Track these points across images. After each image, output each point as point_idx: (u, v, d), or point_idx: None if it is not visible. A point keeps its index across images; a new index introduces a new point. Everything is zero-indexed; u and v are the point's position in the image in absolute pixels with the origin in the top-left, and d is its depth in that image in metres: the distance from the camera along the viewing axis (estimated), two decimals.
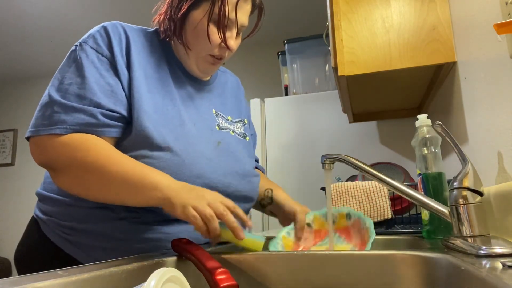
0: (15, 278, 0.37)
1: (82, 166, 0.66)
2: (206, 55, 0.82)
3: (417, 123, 0.82)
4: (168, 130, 0.75)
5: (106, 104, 0.70)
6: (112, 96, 0.72)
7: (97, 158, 0.66)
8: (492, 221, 0.66)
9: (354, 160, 0.72)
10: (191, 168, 0.74)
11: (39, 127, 0.68)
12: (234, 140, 0.90)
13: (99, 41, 0.75)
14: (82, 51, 0.74)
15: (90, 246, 0.72)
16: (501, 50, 0.68)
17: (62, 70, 0.73)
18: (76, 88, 0.70)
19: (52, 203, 0.77)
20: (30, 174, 3.98)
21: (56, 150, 0.67)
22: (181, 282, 0.37)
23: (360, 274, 0.52)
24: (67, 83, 0.70)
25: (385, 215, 1.10)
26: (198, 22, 0.79)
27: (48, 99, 0.70)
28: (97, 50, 0.74)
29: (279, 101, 2.09)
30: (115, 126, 0.72)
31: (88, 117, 0.69)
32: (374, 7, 1.12)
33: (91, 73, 0.72)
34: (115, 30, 0.77)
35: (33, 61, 3.81)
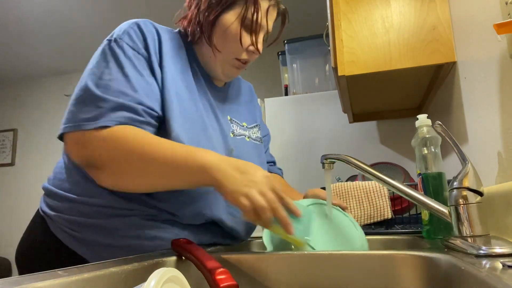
0: (15, 278, 0.37)
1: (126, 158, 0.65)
2: (233, 59, 0.83)
3: (417, 123, 0.82)
4: (192, 135, 0.75)
5: (147, 102, 0.70)
6: (151, 95, 0.72)
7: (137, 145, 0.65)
8: (492, 221, 0.66)
9: (354, 160, 0.72)
10: None
11: (81, 122, 0.66)
12: (249, 147, 0.90)
13: (135, 38, 0.75)
14: (119, 47, 0.73)
15: (97, 243, 0.71)
16: (501, 50, 0.68)
17: (98, 65, 0.71)
18: (117, 84, 0.69)
19: (60, 199, 0.75)
20: (30, 174, 3.98)
21: (100, 144, 0.65)
22: (181, 282, 0.37)
23: (360, 274, 0.52)
24: (107, 79, 0.69)
25: (385, 215, 1.10)
26: (229, 26, 0.79)
27: (88, 93, 0.67)
28: (133, 48, 0.74)
29: (279, 101, 2.09)
30: (154, 125, 0.72)
31: (131, 114, 0.68)
32: (374, 7, 1.12)
33: (130, 70, 0.71)
34: (147, 28, 0.77)
35: (33, 61, 3.81)
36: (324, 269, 0.53)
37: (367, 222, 1.11)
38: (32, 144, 4.05)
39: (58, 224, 0.74)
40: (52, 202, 0.76)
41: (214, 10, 0.79)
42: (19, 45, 3.50)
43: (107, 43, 0.74)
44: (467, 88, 0.94)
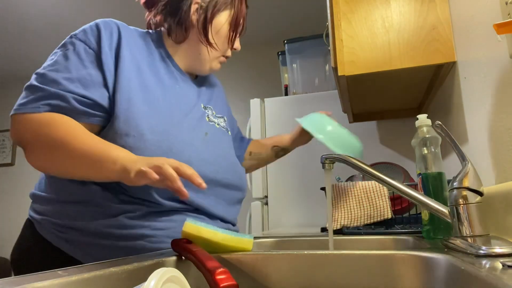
0: (15, 278, 0.37)
1: (47, 142, 0.69)
2: (221, 56, 0.94)
3: (417, 123, 0.82)
4: (157, 121, 0.78)
5: (79, 91, 0.73)
6: (90, 86, 0.75)
7: (61, 134, 0.69)
8: (492, 221, 0.66)
9: (354, 160, 0.72)
10: (179, 155, 0.77)
11: (16, 107, 0.73)
12: (220, 132, 0.95)
13: (89, 34, 0.79)
14: (71, 42, 0.78)
15: (87, 243, 0.73)
16: (501, 50, 0.68)
17: (49, 58, 0.78)
18: (55, 74, 0.73)
19: (45, 202, 0.78)
20: (30, 174, 3.98)
21: (25, 127, 0.71)
22: (181, 282, 0.37)
23: (360, 274, 0.52)
24: (48, 69, 0.74)
25: (385, 215, 1.10)
26: (221, 27, 0.90)
27: (29, 83, 0.74)
28: (85, 42, 0.78)
29: (279, 101, 2.09)
30: (88, 113, 0.74)
31: (59, 101, 0.71)
32: (374, 7, 1.12)
33: (74, 62, 0.75)
34: (107, 26, 0.81)
35: (33, 61, 3.81)
36: (324, 269, 0.53)
37: (367, 222, 1.11)
38: None
39: (47, 227, 0.76)
40: (38, 206, 0.79)
41: (209, 12, 0.88)
42: (19, 45, 3.50)
43: (64, 40, 0.80)
44: (467, 88, 0.94)
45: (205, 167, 0.82)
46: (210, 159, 0.85)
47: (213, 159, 0.85)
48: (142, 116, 0.76)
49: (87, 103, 0.73)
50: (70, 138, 0.69)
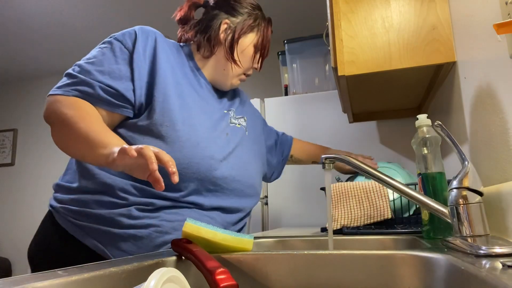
0: (15, 278, 0.37)
1: (61, 120, 0.75)
2: (242, 74, 1.03)
3: (417, 123, 0.82)
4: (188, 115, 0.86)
5: (106, 81, 0.81)
6: (117, 78, 0.82)
7: (73, 114, 0.75)
8: (492, 221, 0.66)
9: (354, 160, 0.72)
10: (205, 150, 0.85)
11: (53, 90, 0.80)
12: (241, 132, 1.02)
13: (126, 36, 0.87)
14: (110, 42, 0.87)
15: (98, 231, 0.78)
16: (501, 50, 0.68)
17: (91, 52, 0.86)
18: (89, 66, 0.82)
19: (67, 191, 0.85)
20: (30, 174, 3.98)
21: (53, 107, 0.78)
22: (181, 282, 0.37)
23: (360, 274, 0.52)
24: (85, 61, 0.83)
25: (385, 215, 1.10)
26: (246, 47, 1.00)
27: (68, 71, 0.83)
28: (121, 42, 0.86)
29: (279, 101, 2.09)
30: (109, 101, 0.81)
31: (86, 87, 0.80)
32: (374, 7, 1.12)
33: (108, 57, 0.84)
34: (144, 31, 0.89)
35: (33, 61, 3.81)
36: (324, 269, 0.53)
37: (367, 222, 1.11)
38: (32, 144, 4.05)
39: (63, 215, 0.82)
40: (58, 196, 0.85)
41: (235, 33, 0.98)
42: (19, 45, 3.50)
43: (108, 38, 0.89)
44: (467, 88, 0.94)
45: (226, 166, 0.90)
46: (233, 159, 0.93)
47: (234, 160, 0.93)
48: (175, 108, 0.84)
49: (111, 92, 0.81)
50: (78, 119, 0.74)
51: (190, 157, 0.83)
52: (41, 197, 3.86)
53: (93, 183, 0.82)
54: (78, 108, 0.77)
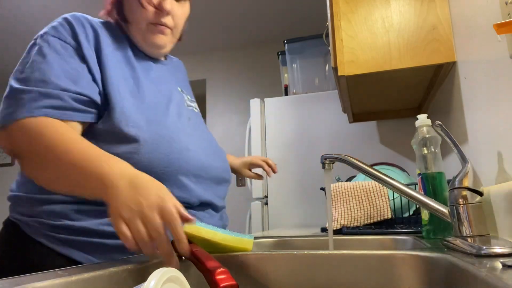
0: (15, 278, 0.37)
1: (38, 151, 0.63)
2: (147, 24, 0.82)
3: (417, 123, 0.82)
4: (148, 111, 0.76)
5: (72, 88, 0.68)
6: (79, 81, 0.70)
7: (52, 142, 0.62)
8: (492, 221, 0.66)
9: (354, 160, 0.72)
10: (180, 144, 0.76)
11: (4, 117, 0.65)
12: (198, 117, 0.94)
13: (61, 30, 0.74)
14: (44, 41, 0.72)
15: (89, 244, 0.70)
16: (501, 50, 0.68)
17: (22, 62, 0.71)
18: (38, 74, 0.67)
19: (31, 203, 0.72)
20: None
21: (19, 135, 0.64)
22: (181, 282, 0.37)
23: (360, 274, 0.52)
24: (28, 72, 0.68)
25: (385, 215, 1.10)
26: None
27: (10, 90, 0.67)
28: (59, 38, 0.73)
29: (279, 101, 2.09)
30: (84, 110, 0.70)
31: (54, 100, 0.66)
32: (374, 7, 1.12)
33: (54, 59, 0.70)
34: (77, 19, 0.78)
35: None
36: (324, 269, 0.53)
37: (367, 222, 1.11)
38: None
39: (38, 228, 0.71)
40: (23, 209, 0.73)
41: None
42: (19, 45, 3.50)
43: (33, 42, 0.73)
44: (467, 88, 0.94)
45: (201, 154, 0.81)
46: (203, 145, 0.84)
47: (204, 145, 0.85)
48: (133, 107, 0.73)
49: (82, 100, 0.69)
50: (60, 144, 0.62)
51: (168, 154, 0.74)
52: None
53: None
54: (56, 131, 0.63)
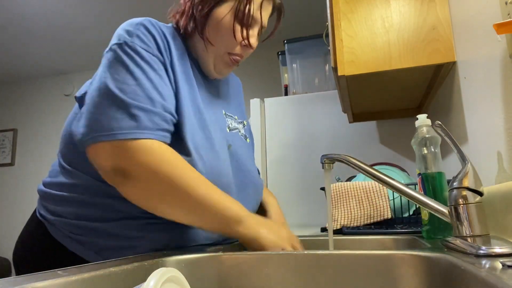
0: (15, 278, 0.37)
1: (167, 181, 0.64)
2: (225, 53, 0.82)
3: (417, 123, 0.82)
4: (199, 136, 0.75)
5: (171, 109, 0.70)
6: (171, 101, 0.71)
7: (184, 177, 0.65)
8: (492, 221, 0.66)
9: (354, 160, 0.72)
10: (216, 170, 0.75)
11: (117, 131, 0.63)
12: (242, 142, 0.90)
13: (146, 40, 0.72)
14: (133, 51, 0.70)
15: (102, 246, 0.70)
16: (501, 50, 0.68)
17: (116, 70, 0.68)
18: (144, 90, 0.66)
19: (60, 201, 0.73)
20: (29, 174, 3.98)
21: (140, 158, 0.63)
22: (181, 282, 0.37)
23: (360, 274, 0.52)
24: (131, 84, 0.66)
25: (385, 215, 1.10)
26: (221, 19, 0.78)
27: (116, 99, 0.64)
28: (147, 50, 0.71)
29: (279, 101, 2.09)
30: (171, 131, 0.71)
31: (164, 123, 0.67)
32: (374, 7, 1.12)
33: (152, 74, 0.69)
34: (153, 28, 0.75)
35: (33, 61, 3.81)
36: (324, 269, 0.53)
37: (367, 222, 1.11)
38: (32, 144, 4.05)
39: (60, 228, 0.72)
40: (51, 206, 0.74)
41: (208, 3, 0.79)
42: (19, 45, 3.50)
43: (117, 47, 0.70)
44: (467, 88, 0.94)
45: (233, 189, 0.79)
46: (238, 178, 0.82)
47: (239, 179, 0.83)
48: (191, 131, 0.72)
49: (174, 122, 0.71)
50: (193, 183, 0.65)
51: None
52: None
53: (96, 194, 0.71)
54: (181, 164, 0.65)
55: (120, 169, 0.64)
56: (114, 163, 0.64)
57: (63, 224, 0.72)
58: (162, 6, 2.99)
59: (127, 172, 0.64)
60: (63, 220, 0.72)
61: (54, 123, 4.01)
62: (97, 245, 0.71)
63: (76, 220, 0.71)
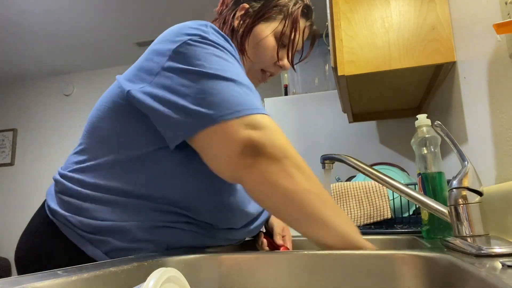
0: (15, 278, 0.37)
1: (300, 169, 0.61)
2: (259, 70, 0.84)
3: (417, 123, 0.82)
4: None
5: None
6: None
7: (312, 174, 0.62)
8: (492, 221, 0.66)
9: (354, 160, 0.72)
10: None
11: (247, 106, 0.61)
12: None
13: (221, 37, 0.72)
14: (217, 43, 0.68)
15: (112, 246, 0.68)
16: (500, 50, 0.68)
17: (206, 58, 0.66)
18: (242, 75, 0.66)
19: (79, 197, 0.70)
20: (29, 174, 3.98)
21: (278, 134, 0.61)
22: (181, 282, 0.37)
23: (360, 274, 0.52)
24: (229, 68, 0.65)
25: (385, 215, 1.10)
26: (264, 37, 0.80)
27: (225, 80, 0.63)
28: (225, 45, 0.70)
29: (278, 101, 2.09)
30: None
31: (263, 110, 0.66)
32: (373, 7, 1.12)
33: (239, 66, 0.69)
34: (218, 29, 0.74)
35: (33, 61, 3.81)
36: (323, 269, 0.53)
37: (367, 222, 1.11)
38: (32, 144, 4.05)
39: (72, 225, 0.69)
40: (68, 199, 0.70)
41: (252, 19, 0.80)
42: (18, 45, 3.50)
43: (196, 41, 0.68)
44: (467, 88, 0.94)
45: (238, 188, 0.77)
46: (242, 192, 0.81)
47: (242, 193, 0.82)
48: None
49: None
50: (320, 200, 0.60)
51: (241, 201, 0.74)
52: (41, 197, 3.86)
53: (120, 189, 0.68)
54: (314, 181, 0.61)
55: (254, 144, 0.60)
56: (248, 137, 0.60)
57: (76, 221, 0.68)
58: (166, 9, 2.99)
59: (261, 145, 0.60)
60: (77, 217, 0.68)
61: (54, 123, 4.01)
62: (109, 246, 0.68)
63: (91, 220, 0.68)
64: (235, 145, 0.61)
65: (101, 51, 3.68)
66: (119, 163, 0.70)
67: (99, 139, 0.74)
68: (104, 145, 0.73)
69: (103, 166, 0.72)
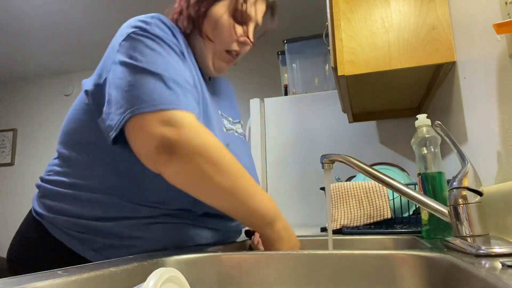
0: (15, 278, 0.37)
1: (215, 165, 0.63)
2: (224, 51, 0.84)
3: (417, 123, 0.82)
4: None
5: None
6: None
7: (232, 166, 0.65)
8: (492, 221, 0.66)
9: (354, 160, 0.72)
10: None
11: (159, 101, 0.62)
12: (239, 141, 0.91)
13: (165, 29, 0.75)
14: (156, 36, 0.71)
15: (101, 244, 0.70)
16: (500, 50, 0.68)
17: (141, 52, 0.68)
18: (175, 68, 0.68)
19: (60, 199, 0.73)
20: (29, 174, 3.98)
21: (195, 132, 0.63)
22: (180, 282, 0.37)
23: (360, 274, 0.52)
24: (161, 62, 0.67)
25: (384, 215, 1.10)
26: (220, 17, 0.81)
27: (148, 74, 0.65)
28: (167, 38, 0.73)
29: (278, 101, 2.09)
30: None
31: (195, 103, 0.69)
32: (373, 7, 1.12)
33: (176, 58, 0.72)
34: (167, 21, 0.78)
35: (33, 61, 3.81)
36: (323, 269, 0.53)
37: (367, 222, 1.11)
38: (32, 144, 4.05)
39: (58, 225, 0.71)
40: (50, 202, 0.74)
41: (205, 2, 0.81)
42: (18, 45, 3.50)
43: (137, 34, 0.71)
44: (467, 88, 0.94)
45: None
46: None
47: None
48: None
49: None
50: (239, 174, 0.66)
51: None
52: None
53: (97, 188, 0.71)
54: (223, 148, 0.65)
55: (167, 142, 0.62)
56: (161, 134, 0.62)
57: (62, 222, 0.71)
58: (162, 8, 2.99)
59: (174, 144, 0.61)
60: (62, 218, 0.71)
61: (54, 123, 4.00)
62: (97, 243, 0.70)
63: (76, 218, 0.71)
64: (150, 140, 0.62)
65: (101, 51, 3.67)
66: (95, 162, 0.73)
67: (73, 142, 0.78)
68: (79, 147, 0.75)
69: (80, 167, 0.75)
